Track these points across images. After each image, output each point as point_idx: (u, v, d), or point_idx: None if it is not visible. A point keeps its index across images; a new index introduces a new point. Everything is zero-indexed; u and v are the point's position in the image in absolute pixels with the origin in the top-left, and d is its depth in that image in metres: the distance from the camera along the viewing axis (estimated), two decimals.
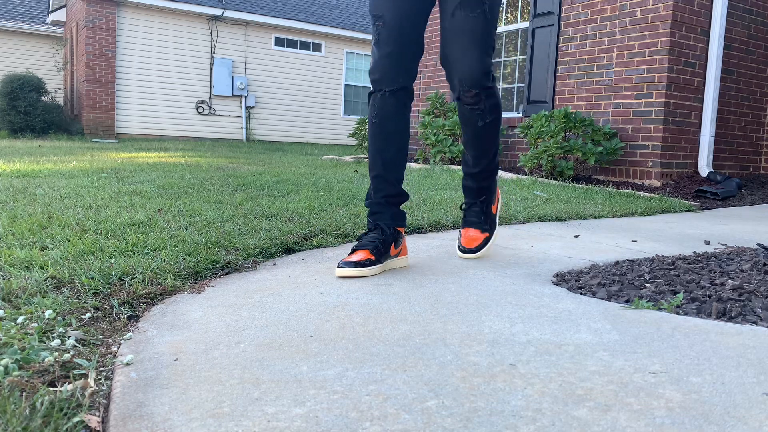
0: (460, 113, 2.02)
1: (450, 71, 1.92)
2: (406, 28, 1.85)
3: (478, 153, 2.06)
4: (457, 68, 1.89)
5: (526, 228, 2.84)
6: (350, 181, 4.49)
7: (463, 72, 1.88)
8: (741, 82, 5.58)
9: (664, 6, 4.95)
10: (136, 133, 12.88)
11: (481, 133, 2.01)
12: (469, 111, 1.96)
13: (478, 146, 2.05)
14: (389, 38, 1.84)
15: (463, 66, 1.87)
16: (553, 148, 5.11)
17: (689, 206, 4.04)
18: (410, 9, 1.86)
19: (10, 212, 2.47)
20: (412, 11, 1.87)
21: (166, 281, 1.61)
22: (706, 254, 2.14)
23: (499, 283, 1.70)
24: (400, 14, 1.85)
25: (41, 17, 16.38)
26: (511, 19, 6.75)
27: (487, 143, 2.04)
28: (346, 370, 1.05)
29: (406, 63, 1.87)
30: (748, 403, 0.92)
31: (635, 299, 1.50)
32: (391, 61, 1.85)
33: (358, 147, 7.84)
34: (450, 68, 1.91)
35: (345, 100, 15.19)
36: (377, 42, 1.86)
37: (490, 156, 2.07)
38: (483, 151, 2.06)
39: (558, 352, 1.14)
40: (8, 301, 1.38)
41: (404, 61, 1.87)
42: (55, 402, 0.90)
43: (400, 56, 1.85)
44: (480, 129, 2.00)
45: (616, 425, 0.84)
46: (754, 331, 1.27)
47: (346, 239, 2.35)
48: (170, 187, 3.62)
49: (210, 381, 1.01)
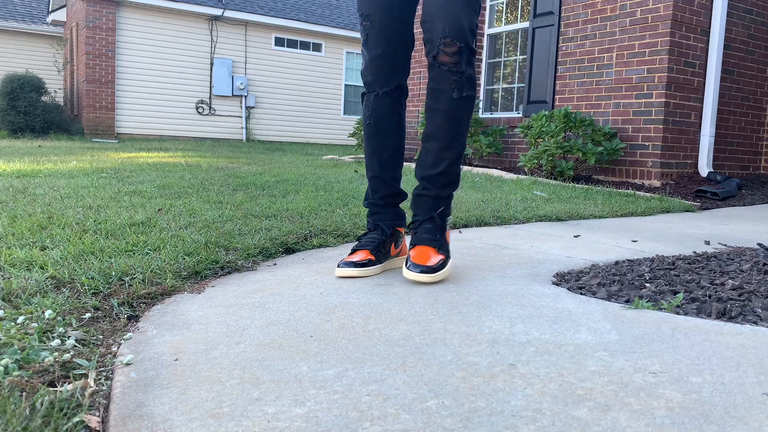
0: (432, 83, 1.73)
1: (431, 24, 1.68)
2: (394, 24, 1.77)
3: (443, 144, 1.75)
4: (440, 17, 1.67)
5: (526, 228, 2.83)
6: (350, 181, 4.49)
7: (447, 21, 1.66)
8: (741, 82, 5.58)
9: (664, 6, 4.95)
10: (136, 133, 12.88)
11: (455, 113, 1.73)
12: (447, 74, 1.69)
13: (447, 132, 1.74)
14: (378, 38, 1.77)
15: (448, 15, 1.66)
16: (553, 148, 5.11)
17: (689, 206, 4.04)
18: (397, 3, 1.78)
19: (10, 212, 2.47)
20: (399, 5, 1.78)
21: (166, 281, 1.61)
22: (706, 254, 2.14)
23: (499, 283, 1.70)
24: (388, 11, 1.76)
25: (41, 17, 16.38)
26: (511, 19, 6.75)
27: (458, 129, 1.75)
28: (346, 370, 1.05)
29: (399, 61, 1.81)
30: (748, 403, 0.92)
31: (635, 299, 1.50)
32: (382, 62, 1.78)
33: (358, 147, 7.85)
34: (432, 20, 1.68)
35: (345, 100, 15.19)
36: (366, 43, 1.79)
37: (456, 151, 1.77)
38: (450, 142, 1.75)
39: (558, 352, 1.14)
40: (8, 301, 1.38)
41: (396, 59, 1.80)
42: (55, 402, 0.90)
43: (391, 56, 1.79)
44: (455, 104, 1.72)
45: (616, 425, 0.84)
46: (754, 331, 1.27)
47: (346, 239, 2.35)
48: (170, 187, 3.62)
49: (210, 381, 1.01)
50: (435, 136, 1.76)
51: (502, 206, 3.36)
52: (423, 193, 1.79)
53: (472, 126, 6.40)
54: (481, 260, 2.03)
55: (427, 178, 1.78)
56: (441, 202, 1.79)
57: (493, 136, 6.29)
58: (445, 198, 1.80)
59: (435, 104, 1.74)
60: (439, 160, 1.76)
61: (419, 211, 1.80)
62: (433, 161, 1.77)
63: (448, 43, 1.67)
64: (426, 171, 1.79)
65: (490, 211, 3.15)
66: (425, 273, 1.65)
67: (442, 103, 1.73)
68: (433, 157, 1.77)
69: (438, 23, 1.67)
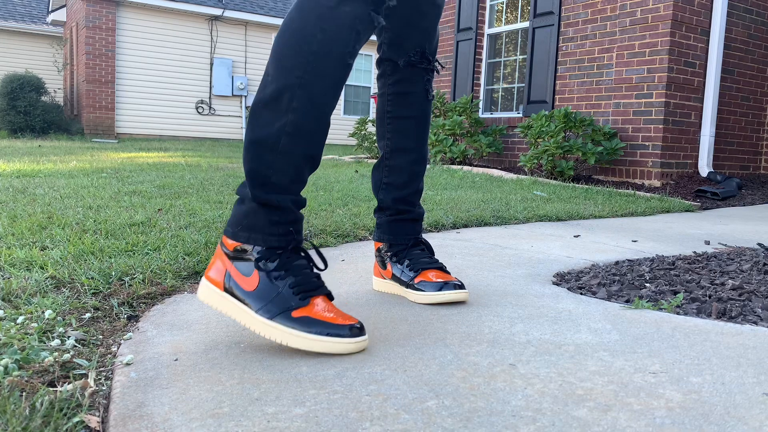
0: (399, 87, 1.54)
1: (417, 33, 1.52)
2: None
3: (418, 156, 1.57)
4: (429, 32, 1.53)
5: (526, 228, 2.83)
6: (350, 181, 4.49)
7: (432, 38, 1.55)
8: (741, 82, 5.58)
9: (664, 6, 4.95)
10: (136, 133, 12.88)
11: (427, 118, 1.58)
12: (421, 72, 1.54)
13: (421, 140, 1.57)
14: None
15: (433, 33, 1.54)
16: (554, 148, 5.11)
17: (689, 206, 4.04)
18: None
19: (10, 212, 2.47)
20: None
21: (166, 281, 1.61)
22: (706, 254, 2.14)
23: (499, 283, 1.70)
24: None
25: (41, 17, 16.38)
26: (511, 19, 6.75)
27: (428, 135, 1.60)
28: (346, 370, 1.05)
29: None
30: (748, 403, 0.92)
31: (635, 299, 1.50)
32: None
33: (358, 147, 7.84)
34: (418, 31, 1.51)
35: (345, 100, 15.19)
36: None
37: (426, 162, 1.61)
38: (424, 153, 1.60)
39: (558, 352, 1.14)
40: (8, 301, 1.38)
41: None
42: (55, 402, 0.90)
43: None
44: (428, 107, 1.57)
45: (616, 425, 0.84)
46: (754, 331, 1.27)
47: (346, 239, 2.35)
48: (170, 187, 3.62)
49: (210, 381, 1.01)
50: (406, 148, 1.55)
51: (502, 206, 3.36)
52: (401, 218, 1.57)
53: (472, 126, 6.41)
54: (481, 260, 2.03)
55: (401, 200, 1.56)
56: (420, 223, 1.61)
57: (493, 136, 6.29)
58: (422, 217, 1.62)
59: (404, 111, 1.54)
60: (415, 176, 1.56)
61: (416, 229, 1.59)
62: (408, 179, 1.56)
63: (432, 53, 1.55)
64: (400, 192, 1.55)
65: (490, 211, 3.15)
66: (463, 289, 1.48)
67: (414, 108, 1.55)
68: (407, 174, 1.55)
69: (425, 37, 1.54)
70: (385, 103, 1.57)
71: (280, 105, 1.16)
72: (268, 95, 1.17)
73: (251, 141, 1.18)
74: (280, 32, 1.20)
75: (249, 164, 1.19)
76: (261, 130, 1.17)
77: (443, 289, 1.45)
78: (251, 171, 1.18)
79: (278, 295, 1.14)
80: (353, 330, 1.12)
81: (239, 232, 1.19)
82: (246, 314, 1.15)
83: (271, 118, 1.17)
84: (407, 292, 1.51)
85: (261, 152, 1.17)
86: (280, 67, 1.17)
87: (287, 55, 1.17)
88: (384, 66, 1.55)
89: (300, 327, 1.11)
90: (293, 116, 1.16)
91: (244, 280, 1.17)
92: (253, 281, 1.16)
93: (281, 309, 1.13)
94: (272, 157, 1.17)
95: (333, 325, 1.12)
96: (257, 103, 1.19)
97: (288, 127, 1.16)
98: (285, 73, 1.17)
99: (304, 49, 1.16)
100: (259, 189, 1.18)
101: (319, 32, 1.16)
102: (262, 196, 1.17)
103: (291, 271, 1.17)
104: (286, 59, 1.17)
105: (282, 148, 1.17)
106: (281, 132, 1.16)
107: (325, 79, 1.18)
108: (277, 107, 1.16)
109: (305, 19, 1.17)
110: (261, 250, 1.17)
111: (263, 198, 1.17)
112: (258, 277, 1.16)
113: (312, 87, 1.16)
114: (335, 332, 1.11)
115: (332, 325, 1.12)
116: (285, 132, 1.16)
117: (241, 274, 1.18)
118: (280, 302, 1.14)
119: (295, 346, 1.10)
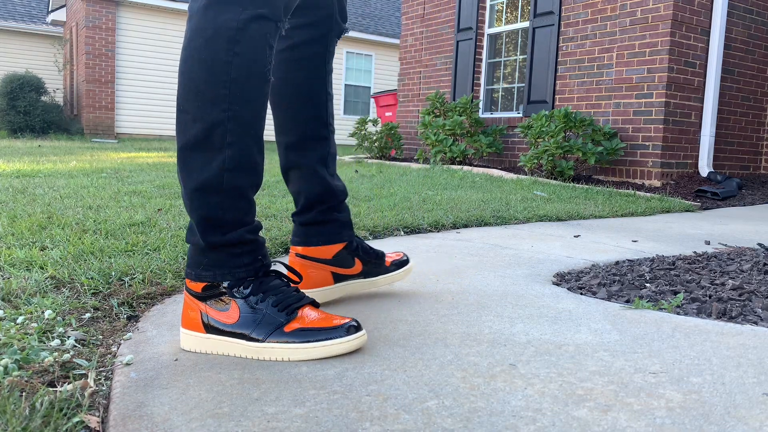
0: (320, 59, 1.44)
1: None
2: None
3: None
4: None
5: (526, 228, 2.83)
6: (350, 181, 4.49)
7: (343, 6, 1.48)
8: (741, 81, 5.58)
9: (664, 6, 4.95)
10: (136, 133, 12.88)
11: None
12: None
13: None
14: None
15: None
16: (554, 148, 5.11)
17: (689, 206, 4.04)
18: None
19: (9, 212, 2.47)
20: None
21: (165, 281, 1.61)
22: (707, 254, 2.14)
23: (499, 283, 1.70)
24: None
25: (41, 17, 16.38)
26: (511, 18, 6.75)
27: None
28: (345, 370, 1.05)
29: None
30: (748, 403, 0.92)
31: (635, 299, 1.50)
32: None
33: (358, 147, 7.84)
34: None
35: (345, 100, 15.18)
36: None
37: None
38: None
39: (558, 353, 1.14)
40: (8, 301, 1.38)
41: None
42: (55, 402, 0.90)
43: None
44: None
45: (616, 425, 0.84)
46: (754, 331, 1.27)
47: None
48: (170, 187, 3.62)
49: (210, 381, 1.01)
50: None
51: (502, 206, 3.36)
52: (345, 212, 1.52)
53: (472, 126, 6.41)
54: (481, 260, 2.03)
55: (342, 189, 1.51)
56: None
57: (493, 136, 6.29)
58: None
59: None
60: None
61: (351, 227, 1.54)
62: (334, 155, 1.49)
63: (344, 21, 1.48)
64: (334, 172, 1.50)
65: (490, 211, 3.15)
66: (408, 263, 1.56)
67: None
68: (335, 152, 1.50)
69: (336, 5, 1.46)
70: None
71: (212, 143, 1.09)
72: (195, 136, 1.10)
73: (194, 189, 1.11)
74: (185, 64, 1.11)
75: (197, 212, 1.12)
76: (200, 175, 1.10)
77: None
78: (202, 219, 1.12)
79: (264, 317, 1.12)
80: (350, 329, 1.11)
81: (202, 273, 1.14)
82: (237, 346, 1.12)
83: (205, 159, 1.10)
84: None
85: (206, 197, 1.11)
86: (200, 103, 1.09)
87: (204, 89, 1.08)
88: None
89: (296, 339, 1.10)
90: (230, 151, 1.10)
91: (223, 315, 1.14)
92: (233, 314, 1.13)
93: (272, 328, 1.11)
94: (219, 198, 1.11)
95: (328, 329, 1.11)
96: (185, 147, 1.11)
97: (228, 163, 1.10)
98: (208, 108, 1.08)
99: (221, 78, 1.08)
100: (214, 233, 1.12)
101: (233, 57, 1.08)
102: (218, 239, 1.12)
103: (269, 292, 1.14)
104: (205, 93, 1.08)
105: (226, 185, 1.11)
106: (222, 170, 1.10)
107: (253, 102, 1.12)
108: (209, 146, 1.09)
109: (213, 46, 1.08)
110: (230, 282, 1.14)
111: (220, 241, 1.13)
112: (237, 307, 1.13)
113: (243, 116, 1.10)
114: (333, 335, 1.10)
115: (328, 329, 1.11)
116: (226, 169, 1.10)
117: (219, 311, 1.14)
118: (268, 322, 1.11)
119: (297, 359, 1.09)
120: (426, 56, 7.57)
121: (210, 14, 1.09)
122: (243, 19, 1.08)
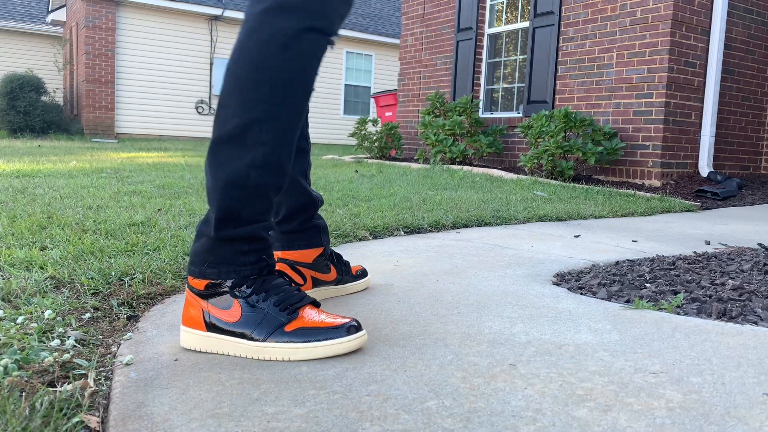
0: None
1: None
2: None
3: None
4: None
5: (526, 228, 2.83)
6: (350, 181, 4.49)
7: None
8: (741, 81, 5.58)
9: (664, 6, 4.95)
10: (136, 133, 12.88)
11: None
12: None
13: None
14: None
15: None
16: (554, 148, 5.11)
17: (689, 206, 4.04)
18: None
19: (9, 212, 2.47)
20: None
21: (165, 281, 1.61)
22: (707, 254, 2.14)
23: (499, 283, 1.70)
24: None
25: (41, 17, 16.38)
26: (511, 18, 6.75)
27: None
28: (346, 370, 1.05)
29: None
30: (748, 403, 0.92)
31: (635, 299, 1.50)
32: None
33: (358, 147, 7.84)
34: None
35: (345, 100, 15.18)
36: None
37: None
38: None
39: (558, 353, 1.14)
40: (8, 301, 1.38)
41: None
42: (55, 402, 0.90)
43: None
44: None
45: (616, 425, 0.84)
46: (754, 331, 1.27)
47: (346, 239, 2.35)
48: (170, 187, 3.62)
49: (210, 381, 1.01)
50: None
51: (502, 206, 3.36)
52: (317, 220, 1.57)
53: (472, 126, 6.41)
54: (481, 260, 2.03)
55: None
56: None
57: (493, 135, 6.29)
58: None
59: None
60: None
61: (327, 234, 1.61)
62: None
63: None
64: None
65: (490, 211, 3.15)
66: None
67: None
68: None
69: None
70: None
71: (245, 139, 1.11)
72: (231, 131, 1.12)
73: (226, 182, 1.13)
74: (234, 63, 1.13)
75: (219, 203, 1.13)
76: (228, 167, 1.13)
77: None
78: (221, 209, 1.14)
79: (266, 317, 1.12)
80: (350, 329, 1.11)
81: (207, 270, 1.15)
82: (238, 345, 1.13)
83: (236, 154, 1.12)
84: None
85: (229, 190, 1.13)
86: (243, 100, 1.11)
87: (248, 87, 1.11)
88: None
89: (297, 339, 1.10)
90: (262, 149, 1.12)
91: (225, 314, 1.14)
92: (234, 312, 1.14)
93: (273, 328, 1.11)
94: (241, 193, 1.13)
95: (329, 329, 1.11)
96: (219, 140, 1.13)
97: (257, 160, 1.12)
98: (249, 106, 1.11)
99: (267, 79, 1.11)
100: (228, 226, 1.14)
101: (282, 62, 1.11)
102: (230, 232, 1.14)
103: (271, 291, 1.15)
104: (249, 91, 1.11)
105: (252, 182, 1.13)
106: (250, 166, 1.12)
107: (293, 108, 1.14)
108: (243, 142, 1.12)
109: (265, 49, 1.11)
110: (234, 280, 1.15)
111: (231, 234, 1.14)
112: (239, 306, 1.14)
113: (280, 118, 1.13)
114: (333, 335, 1.10)
115: (329, 329, 1.11)
116: (254, 166, 1.12)
117: (220, 308, 1.15)
118: (269, 322, 1.12)
119: (298, 359, 1.09)
120: (426, 56, 7.57)
121: (267, 19, 1.11)
122: (299, 28, 1.11)
